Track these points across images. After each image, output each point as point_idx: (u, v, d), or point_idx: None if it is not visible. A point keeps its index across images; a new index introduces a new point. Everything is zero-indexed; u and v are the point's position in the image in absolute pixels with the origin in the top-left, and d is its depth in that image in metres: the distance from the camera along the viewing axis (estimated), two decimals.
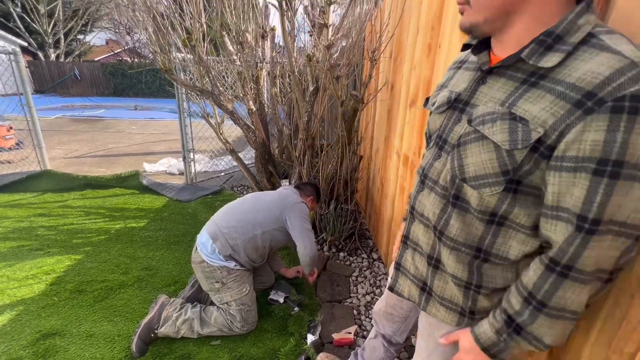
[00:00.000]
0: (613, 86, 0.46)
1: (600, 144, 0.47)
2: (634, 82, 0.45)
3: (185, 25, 2.44)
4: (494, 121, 0.59)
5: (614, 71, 0.47)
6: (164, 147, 5.98)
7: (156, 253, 2.43)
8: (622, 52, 0.47)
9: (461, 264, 0.69)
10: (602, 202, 0.49)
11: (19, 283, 2.03)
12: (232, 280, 1.70)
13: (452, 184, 0.68)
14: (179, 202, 3.38)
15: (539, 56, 0.54)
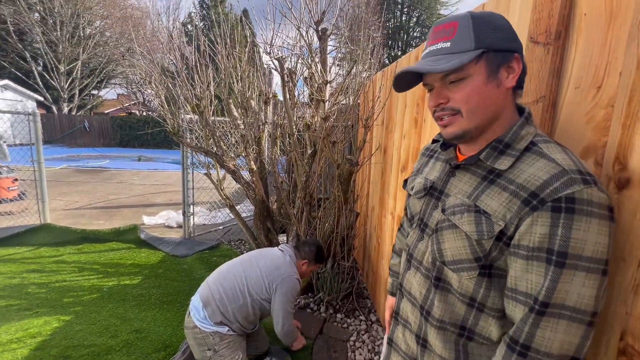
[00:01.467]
0: (551, 189, 0.56)
1: (547, 237, 0.55)
2: (566, 186, 0.55)
3: (195, 93, 2.68)
4: (462, 212, 0.66)
5: (550, 176, 0.56)
6: (164, 198, 6.06)
7: (148, 313, 2.36)
8: (556, 160, 0.58)
9: (448, 344, 0.71)
10: (550, 287, 0.55)
11: (2, 347, 1.94)
12: (225, 347, 1.65)
13: (434, 266, 0.73)
14: (176, 257, 3.36)
15: (494, 159, 0.64)
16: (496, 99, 0.64)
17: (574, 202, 0.54)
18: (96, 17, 18.84)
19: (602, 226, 0.54)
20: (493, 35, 0.62)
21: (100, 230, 3.77)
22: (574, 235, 0.54)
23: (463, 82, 0.63)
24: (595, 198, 0.54)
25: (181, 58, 2.82)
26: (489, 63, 0.62)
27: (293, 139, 2.70)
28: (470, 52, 0.60)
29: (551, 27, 0.81)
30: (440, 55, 0.63)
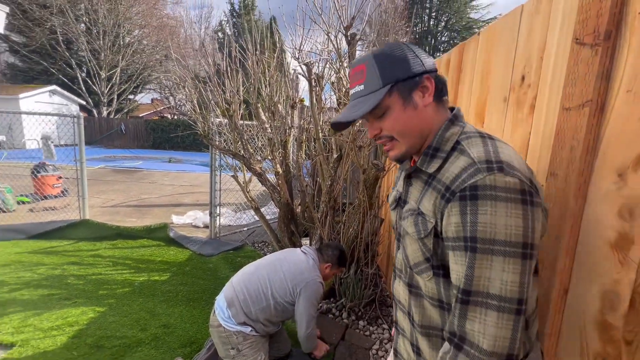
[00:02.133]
0: (459, 181, 0.59)
1: (460, 225, 0.58)
2: (471, 176, 0.58)
3: (225, 97, 2.77)
4: (408, 217, 0.72)
5: (460, 170, 0.60)
6: (192, 199, 6.28)
7: (175, 309, 2.45)
8: (470, 154, 0.61)
9: (435, 350, 0.71)
10: (468, 274, 0.57)
11: (44, 334, 2.08)
12: (248, 347, 1.67)
13: (406, 272, 0.76)
14: (202, 256, 3.46)
15: (427, 164, 0.69)
16: (419, 118, 0.70)
17: (476, 189, 0.57)
18: (135, 27, 20.02)
19: (512, 209, 0.55)
20: (395, 68, 0.68)
21: (133, 228, 3.96)
22: (480, 220, 0.55)
23: (386, 114, 0.70)
24: (500, 183, 0.56)
25: (213, 64, 2.93)
26: (400, 93, 0.69)
27: (319, 143, 2.72)
28: (380, 90, 0.68)
29: (600, 26, 0.76)
30: (359, 98, 0.71)
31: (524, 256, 0.55)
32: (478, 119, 1.34)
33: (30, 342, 2.00)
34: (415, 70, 0.69)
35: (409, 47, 0.71)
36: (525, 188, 0.56)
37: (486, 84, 1.28)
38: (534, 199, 0.57)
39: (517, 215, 0.55)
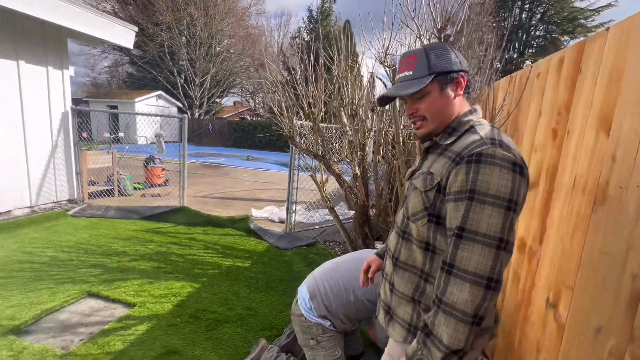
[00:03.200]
0: (468, 150, 0.78)
1: (464, 181, 0.76)
2: (478, 147, 0.77)
3: (309, 101, 2.93)
4: (419, 177, 0.90)
5: (470, 142, 0.80)
6: (267, 195, 6.76)
7: (256, 295, 2.68)
8: (479, 134, 0.81)
9: (409, 283, 0.92)
10: (464, 216, 0.74)
11: (155, 299, 2.48)
12: (326, 340, 1.74)
13: (402, 223, 0.95)
14: (278, 249, 3.71)
15: (444, 139, 0.89)
16: (448, 105, 0.89)
17: (480, 156, 0.75)
18: (224, 37, 22.32)
19: (504, 173, 0.73)
20: (440, 62, 0.86)
21: (220, 217, 4.44)
22: (480, 178, 0.74)
23: (424, 97, 0.88)
24: (498, 154, 0.74)
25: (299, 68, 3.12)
26: (439, 82, 0.87)
27: (398, 147, 2.69)
28: (426, 77, 0.86)
29: None
30: (406, 81, 0.89)
31: (508, 208, 0.72)
32: (601, 123, 1.18)
33: (146, 305, 2.40)
34: (455, 67, 0.87)
35: (452, 49, 0.89)
36: (517, 162, 0.74)
37: (617, 86, 1.12)
38: (524, 170, 0.75)
39: (507, 179, 0.73)
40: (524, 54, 17.66)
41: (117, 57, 24.51)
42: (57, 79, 4.63)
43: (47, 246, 3.33)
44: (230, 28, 22.13)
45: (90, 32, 4.45)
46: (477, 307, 0.71)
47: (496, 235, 0.71)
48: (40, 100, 4.45)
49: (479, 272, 0.71)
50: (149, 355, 1.90)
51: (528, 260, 1.62)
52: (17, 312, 2.21)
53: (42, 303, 2.33)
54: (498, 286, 0.72)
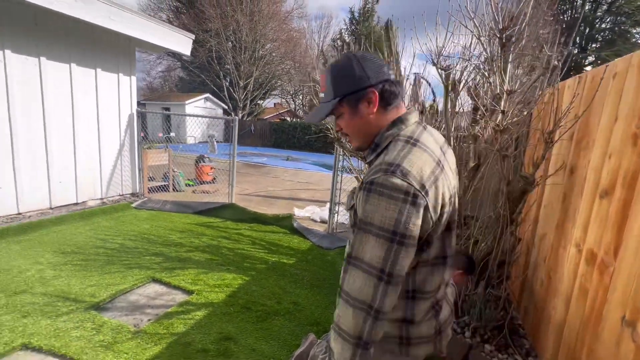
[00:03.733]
0: (368, 176, 0.77)
1: (360, 209, 0.77)
2: (373, 174, 0.75)
3: None
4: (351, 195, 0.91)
5: (374, 167, 0.79)
6: (307, 195, 6.89)
7: (302, 291, 2.77)
8: (385, 156, 0.79)
9: None
10: (353, 244, 0.77)
11: (210, 289, 2.67)
12: None
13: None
14: (321, 248, 3.78)
15: (369, 156, 0.88)
16: (364, 123, 0.87)
17: (372, 185, 0.74)
18: (267, 41, 23.09)
19: (390, 204, 0.71)
20: (344, 83, 0.84)
21: (265, 215, 4.63)
22: (367, 208, 0.74)
23: (340, 117, 0.89)
24: (388, 183, 0.72)
25: None
26: (348, 103, 0.85)
27: None
28: (333, 101, 0.86)
29: None
30: (322, 103, 0.90)
31: (392, 240, 0.72)
32: None
33: (202, 293, 2.60)
34: (361, 85, 0.84)
35: (359, 62, 0.84)
36: (410, 190, 0.72)
37: None
38: (417, 200, 0.72)
39: (393, 210, 0.71)
40: (587, 49, 16.10)
41: (170, 63, 26.44)
42: (126, 84, 5.14)
43: (116, 234, 3.71)
44: (273, 32, 22.84)
45: (155, 41, 4.88)
46: (359, 330, 0.73)
47: (377, 266, 0.72)
48: (112, 104, 4.97)
49: (359, 297, 0.73)
50: (208, 339, 2.06)
51: (599, 274, 1.51)
52: (96, 290, 2.50)
53: (116, 284, 2.61)
54: (379, 315, 0.73)
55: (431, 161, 0.79)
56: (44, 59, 4.04)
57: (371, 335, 0.74)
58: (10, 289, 2.43)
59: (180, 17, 21.47)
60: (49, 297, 2.37)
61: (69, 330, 2.03)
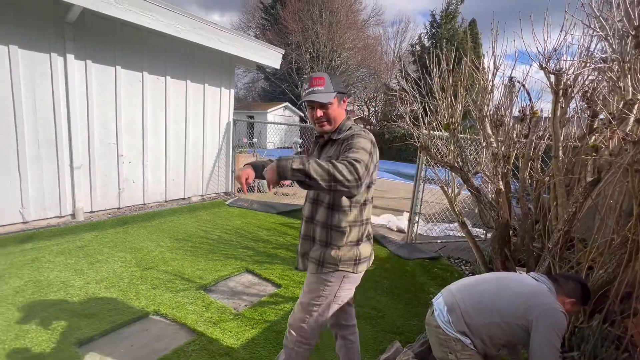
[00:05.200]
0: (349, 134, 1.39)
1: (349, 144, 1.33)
2: (354, 132, 1.39)
3: (449, 112, 2.87)
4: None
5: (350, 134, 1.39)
6: (382, 202, 6.82)
7: (382, 298, 2.77)
8: (353, 129, 1.42)
9: (324, 233, 1.42)
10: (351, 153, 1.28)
11: (296, 285, 2.87)
12: (467, 358, 1.68)
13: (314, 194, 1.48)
14: (398, 257, 3.72)
15: (336, 135, 1.42)
16: (341, 114, 1.45)
17: (355, 133, 1.36)
18: (344, 50, 23.66)
19: (366, 141, 1.31)
20: (338, 86, 1.42)
21: None
22: (355, 140, 1.30)
23: (330, 106, 1.40)
24: (364, 133, 1.36)
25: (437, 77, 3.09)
26: (338, 98, 1.42)
27: (555, 162, 2.36)
28: (332, 93, 1.39)
29: None
30: (321, 93, 1.37)
31: (370, 155, 1.27)
32: None
33: (289, 287, 2.81)
34: (344, 90, 1.46)
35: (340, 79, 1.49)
36: (373, 140, 1.36)
37: None
38: (374, 146, 1.35)
39: (367, 143, 1.30)
40: None
41: (254, 75, 29.05)
42: (226, 97, 5.87)
43: (215, 228, 4.25)
44: (350, 41, 23.32)
45: (252, 57, 5.48)
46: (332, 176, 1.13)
47: (357, 159, 1.18)
48: (214, 113, 5.73)
49: (363, 160, 1.20)
50: None
51: None
52: (204, 274, 2.92)
53: (217, 271, 3.01)
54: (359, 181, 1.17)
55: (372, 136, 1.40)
56: (169, 77, 4.89)
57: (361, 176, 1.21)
58: (142, 265, 3.00)
59: (266, 33, 23.50)
60: (170, 275, 2.85)
61: (185, 305, 2.42)
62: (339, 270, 1.41)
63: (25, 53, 3.50)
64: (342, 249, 1.41)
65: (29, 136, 3.63)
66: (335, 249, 1.40)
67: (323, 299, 1.44)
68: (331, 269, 1.41)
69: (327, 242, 1.41)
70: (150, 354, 1.92)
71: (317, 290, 1.44)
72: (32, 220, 3.78)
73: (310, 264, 1.46)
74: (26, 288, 2.46)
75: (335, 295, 1.45)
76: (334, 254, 1.40)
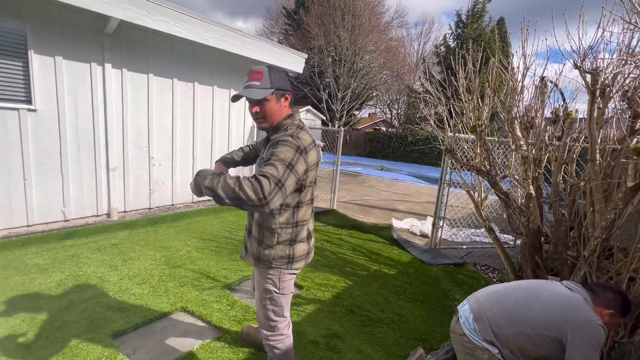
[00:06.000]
0: (277, 137, 1.35)
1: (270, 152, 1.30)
2: (281, 136, 1.35)
3: (475, 114, 2.79)
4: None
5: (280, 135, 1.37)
6: (405, 206, 6.71)
7: (404, 304, 2.73)
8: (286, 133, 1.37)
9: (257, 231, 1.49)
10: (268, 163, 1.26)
11: (317, 287, 2.89)
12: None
13: None
14: (422, 262, 3.65)
15: (272, 135, 1.43)
16: (278, 112, 1.42)
17: (280, 139, 1.31)
18: (366, 53, 23.56)
19: (290, 149, 1.27)
20: (278, 82, 1.39)
21: (364, 223, 4.73)
22: (277, 149, 1.27)
23: (266, 102, 1.38)
24: (289, 139, 1.30)
25: (462, 79, 3.02)
26: (277, 95, 1.40)
27: (591, 165, 2.24)
28: (268, 89, 1.36)
29: None
30: (257, 89, 1.34)
31: (288, 167, 1.24)
32: None
33: (310, 290, 2.83)
34: (286, 87, 1.43)
35: (285, 74, 1.46)
36: (300, 146, 1.30)
37: None
38: (302, 153, 1.30)
39: (289, 152, 1.26)
40: None
41: None
42: None
43: (239, 228, 4.36)
44: (372, 43, 23.20)
45: (276, 63, 5.59)
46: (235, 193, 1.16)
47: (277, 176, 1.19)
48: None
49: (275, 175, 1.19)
50: (318, 333, 2.24)
51: None
52: (228, 273, 3.00)
53: (241, 271, 3.08)
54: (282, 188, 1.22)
55: (309, 137, 1.39)
56: (197, 83, 5.09)
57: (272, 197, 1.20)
58: (171, 263, 3.14)
59: (289, 38, 23.86)
60: (196, 273, 2.96)
61: (210, 303, 2.50)
62: (273, 267, 1.47)
63: (68, 63, 3.78)
64: (274, 247, 1.45)
65: (70, 140, 3.90)
66: (268, 249, 1.45)
67: (269, 293, 1.51)
68: (266, 265, 1.48)
69: (260, 240, 1.47)
70: (178, 348, 2.00)
71: (262, 285, 1.52)
72: (72, 218, 4.04)
73: (249, 257, 1.54)
74: (67, 282, 2.64)
75: (280, 287, 1.51)
76: (267, 252, 1.46)
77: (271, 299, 1.52)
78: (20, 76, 3.50)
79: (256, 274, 1.57)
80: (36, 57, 3.54)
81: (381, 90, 24.67)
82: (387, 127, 25.00)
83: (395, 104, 25.64)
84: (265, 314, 1.56)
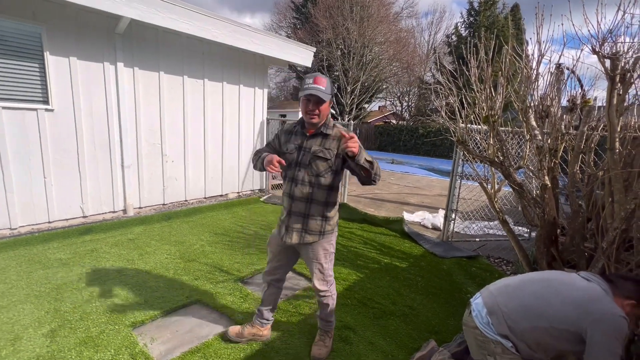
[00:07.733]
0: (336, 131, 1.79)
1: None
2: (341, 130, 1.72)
3: (488, 104, 2.73)
4: (317, 151, 1.76)
5: (340, 130, 1.72)
6: (416, 199, 6.65)
7: (416, 296, 2.72)
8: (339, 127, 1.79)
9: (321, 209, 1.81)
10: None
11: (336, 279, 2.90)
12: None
13: (311, 176, 1.77)
14: (434, 255, 3.62)
15: (326, 130, 1.79)
16: (327, 112, 1.77)
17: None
18: (375, 45, 23.21)
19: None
20: (331, 90, 1.76)
21: (375, 216, 4.71)
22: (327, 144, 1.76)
23: (324, 104, 1.71)
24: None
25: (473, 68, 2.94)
26: (330, 100, 1.77)
27: (610, 155, 2.16)
28: (329, 95, 1.74)
29: None
30: (323, 92, 1.67)
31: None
32: None
33: None
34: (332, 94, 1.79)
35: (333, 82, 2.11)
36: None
37: None
38: None
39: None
40: None
41: (286, 74, 29.49)
42: (260, 96, 6.04)
43: (250, 223, 4.42)
44: (382, 35, 22.83)
45: (284, 57, 5.58)
46: None
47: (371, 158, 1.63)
48: (249, 113, 5.93)
49: (373, 161, 1.66)
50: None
51: None
52: (241, 267, 3.05)
53: (253, 264, 3.13)
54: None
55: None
56: (206, 80, 5.14)
57: None
58: (186, 257, 3.21)
59: (297, 32, 23.72)
60: (210, 267, 3.02)
61: (224, 295, 2.55)
62: (332, 233, 1.91)
63: (82, 63, 3.86)
64: (334, 217, 1.92)
65: (87, 138, 4.00)
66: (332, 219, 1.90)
67: (331, 254, 1.93)
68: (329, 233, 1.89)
69: (324, 215, 1.82)
70: (194, 339, 2.05)
71: (326, 250, 1.88)
72: (90, 214, 4.18)
73: (306, 237, 1.82)
74: (87, 275, 2.74)
75: (334, 246, 1.95)
76: (332, 222, 1.89)
77: (331, 259, 1.92)
78: (37, 77, 3.60)
79: (311, 248, 1.86)
80: (52, 58, 3.64)
81: (391, 83, 24.30)
82: (397, 119, 24.68)
83: (405, 96, 25.27)
84: (328, 273, 1.92)
